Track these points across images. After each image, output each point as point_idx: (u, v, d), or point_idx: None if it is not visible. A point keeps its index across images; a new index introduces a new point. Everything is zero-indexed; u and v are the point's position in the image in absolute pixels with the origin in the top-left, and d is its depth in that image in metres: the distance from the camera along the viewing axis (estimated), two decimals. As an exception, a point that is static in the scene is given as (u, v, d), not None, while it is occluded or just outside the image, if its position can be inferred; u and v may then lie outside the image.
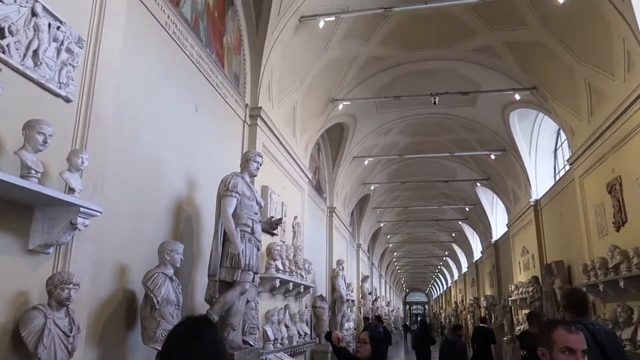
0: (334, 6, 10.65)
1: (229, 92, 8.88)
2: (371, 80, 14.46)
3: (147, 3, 6.22)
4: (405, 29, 12.34)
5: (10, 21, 3.85)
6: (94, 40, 4.84)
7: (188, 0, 7.46)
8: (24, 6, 4.02)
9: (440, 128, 18.17)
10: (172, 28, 6.84)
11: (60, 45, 4.36)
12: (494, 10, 11.03)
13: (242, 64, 9.74)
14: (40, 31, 4.13)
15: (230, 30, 9.21)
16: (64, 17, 4.39)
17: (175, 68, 6.95)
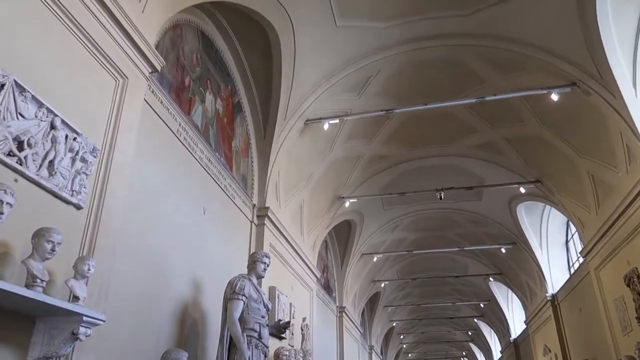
0: (337, 109, 11.16)
1: (237, 194, 9.03)
2: (376, 177, 14.73)
3: (160, 112, 6.56)
4: (406, 129, 12.81)
5: (30, 134, 4.04)
6: (108, 149, 5.04)
7: (199, 108, 7.86)
8: (44, 120, 4.24)
9: (448, 223, 18.15)
10: (183, 135, 7.14)
11: (76, 155, 4.53)
12: (492, 109, 11.51)
13: (250, 166, 10.02)
14: (57, 143, 4.32)
15: (239, 134, 9.59)
16: (81, 129, 4.61)
17: (185, 172, 7.15)
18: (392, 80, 11.06)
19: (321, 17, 9.12)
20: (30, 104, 4.12)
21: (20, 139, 3.98)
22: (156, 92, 6.52)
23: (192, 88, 7.70)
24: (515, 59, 9.90)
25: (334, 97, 10.95)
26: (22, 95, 4.05)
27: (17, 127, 3.97)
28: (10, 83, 3.91)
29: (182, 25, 7.54)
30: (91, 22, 4.93)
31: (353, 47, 10.00)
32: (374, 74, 10.80)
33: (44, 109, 4.24)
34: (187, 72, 7.60)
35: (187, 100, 7.49)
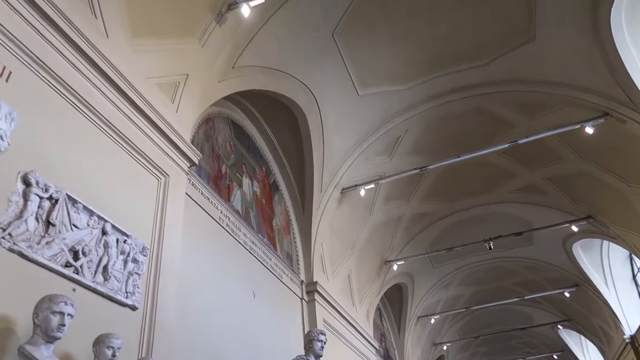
0: (371, 174, 11.22)
1: (284, 272, 8.98)
2: (420, 236, 14.45)
3: (202, 203, 6.75)
4: (443, 183, 12.69)
5: (84, 243, 4.21)
6: (157, 246, 5.17)
7: (238, 194, 8.05)
8: (96, 227, 4.42)
9: (503, 273, 17.39)
10: (226, 221, 7.27)
11: (127, 256, 4.66)
12: (527, 151, 11.32)
13: (293, 242, 10.02)
14: (109, 247, 4.47)
15: (279, 212, 9.70)
16: (130, 230, 4.77)
17: (231, 258, 7.20)
18: (422, 138, 11.13)
19: (343, 90, 9.43)
20: (82, 213, 4.32)
21: (75, 248, 4.14)
22: (196, 184, 6.74)
23: (229, 175, 7.93)
24: (541, 98, 9.86)
25: (367, 163, 11.06)
26: (75, 207, 4.26)
27: (72, 238, 4.15)
28: (63, 197, 4.13)
29: (213, 117, 7.92)
30: (131, 128, 5.24)
31: (378, 112, 10.21)
32: (403, 134, 10.92)
33: (94, 217, 4.43)
34: (223, 160, 7.87)
35: (226, 187, 7.69)
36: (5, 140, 3.79)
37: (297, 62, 8.48)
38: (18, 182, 3.88)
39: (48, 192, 4.04)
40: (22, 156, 3.94)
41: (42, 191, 4.00)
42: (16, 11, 4.21)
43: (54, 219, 4.02)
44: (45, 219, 3.99)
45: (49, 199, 4.04)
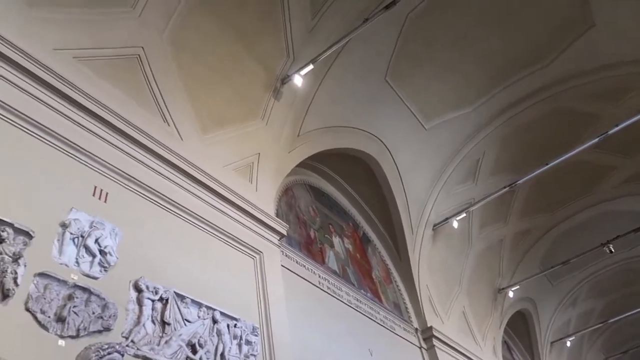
0: (459, 203, 10.85)
1: (395, 323, 8.71)
2: (529, 255, 13.53)
3: (299, 272, 6.84)
4: (538, 195, 11.95)
5: (199, 335, 4.38)
6: (265, 324, 5.26)
7: (331, 254, 8.08)
8: (206, 318, 4.60)
9: (633, 275, 15.68)
10: (325, 284, 7.28)
11: (240, 340, 4.77)
12: (620, 139, 10.44)
13: (397, 291, 9.77)
14: (222, 334, 4.60)
15: (375, 264, 9.56)
16: (238, 314, 4.91)
17: (338, 319, 7.13)
18: (502, 155, 10.69)
19: (410, 129, 9.39)
20: (191, 307, 4.53)
21: (192, 342, 4.31)
22: (289, 255, 6.87)
23: (319, 238, 8.02)
24: (619, 82, 9.23)
25: (452, 194, 10.74)
26: (183, 302, 4.48)
27: (187, 333, 4.33)
28: (172, 296, 4.37)
29: (291, 186, 8.15)
30: (219, 217, 5.53)
31: (450, 140, 10.01)
32: (481, 156, 10.56)
33: (203, 308, 4.62)
34: (310, 225, 8.00)
35: (318, 251, 7.76)
36: (113, 255, 4.14)
37: (358, 114, 8.62)
38: (131, 291, 4.17)
39: (158, 293, 4.30)
40: (130, 266, 4.25)
41: (153, 294, 4.26)
42: (104, 140, 4.70)
43: (168, 317, 4.24)
44: (160, 320, 4.22)
45: (159, 300, 4.29)
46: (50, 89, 4.44)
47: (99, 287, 3.90)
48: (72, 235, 3.96)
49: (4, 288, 3.30)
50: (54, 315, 3.52)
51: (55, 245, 3.82)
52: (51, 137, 4.25)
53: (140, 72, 5.48)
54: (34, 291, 3.51)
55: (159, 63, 5.70)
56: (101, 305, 3.84)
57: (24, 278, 3.44)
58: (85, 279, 3.86)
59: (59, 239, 3.86)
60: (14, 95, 4.13)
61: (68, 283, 3.71)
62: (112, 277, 4.08)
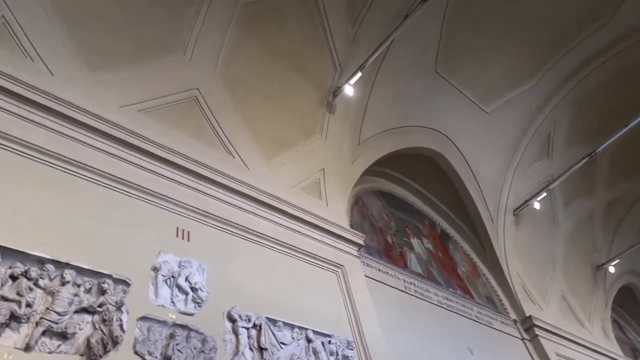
0: (538, 183, 10.34)
1: (492, 318, 8.38)
2: (625, 224, 12.59)
3: (383, 279, 6.78)
4: (622, 159, 11.14)
5: (296, 357, 4.45)
6: (359, 336, 5.25)
7: (412, 257, 7.96)
8: (300, 338, 4.66)
9: None
10: (412, 288, 7.16)
11: (337, 356, 4.79)
12: None
13: (487, 284, 9.42)
14: (318, 353, 4.65)
15: (459, 259, 9.29)
16: (330, 330, 4.94)
17: (430, 322, 6.97)
18: (575, 124, 10.11)
19: (471, 116, 9.13)
20: (285, 330, 4.61)
21: (290, 364, 4.39)
22: (370, 264, 6.84)
23: (397, 242, 7.93)
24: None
25: (528, 174, 10.27)
26: (276, 326, 4.57)
27: (284, 356, 4.42)
28: (264, 321, 4.48)
29: (360, 195, 8.14)
30: (296, 238, 5.65)
31: (515, 119, 9.62)
32: (552, 129, 10.05)
33: (296, 329, 4.69)
34: (386, 231, 7.94)
35: (399, 255, 7.67)
36: (204, 290, 4.32)
37: (414, 112, 8.50)
38: (225, 322, 4.33)
39: (251, 321, 4.42)
40: (221, 298, 4.41)
41: (246, 322, 4.39)
42: (178, 182, 4.95)
43: (264, 343, 4.35)
44: (257, 346, 4.34)
45: (253, 327, 4.41)
46: (121, 143, 4.74)
47: (196, 323, 4.08)
48: (164, 277, 4.19)
49: (112, 335, 3.53)
50: (160, 355, 3.72)
51: (150, 288, 4.04)
52: (129, 188, 4.53)
53: (200, 112, 5.74)
54: (139, 335, 3.73)
55: (215, 100, 5.95)
56: (201, 340, 4.01)
57: (128, 324, 3.67)
58: (183, 316, 4.06)
59: (153, 282, 4.09)
60: (94, 156, 4.46)
61: (168, 323, 3.92)
62: (206, 311, 4.25)
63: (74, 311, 3.48)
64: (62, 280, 3.51)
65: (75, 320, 3.48)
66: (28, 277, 3.36)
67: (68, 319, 3.43)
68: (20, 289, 3.29)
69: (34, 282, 3.38)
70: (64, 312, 3.41)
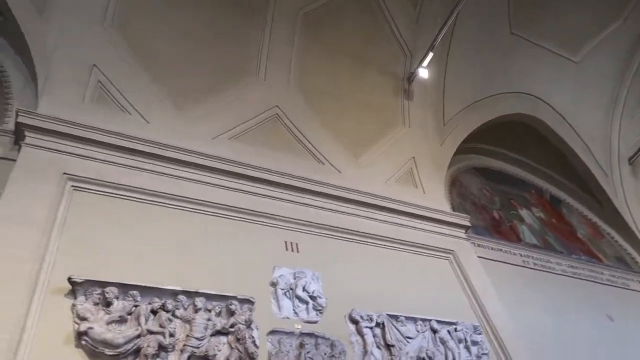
0: None
1: (627, 278, 7.71)
2: None
3: (497, 257, 6.54)
4: None
5: (425, 349, 4.43)
6: (484, 319, 5.11)
7: (524, 229, 7.57)
8: (425, 330, 4.63)
9: None
10: (531, 261, 6.82)
11: (466, 342, 4.69)
12: None
13: (613, 243, 8.68)
14: (446, 342, 4.58)
15: (577, 223, 8.67)
16: (453, 318, 4.85)
17: (557, 293, 6.55)
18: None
19: (558, 70, 8.53)
20: (408, 324, 4.60)
21: (420, 357, 4.39)
22: (481, 244, 6.61)
23: (505, 217, 7.59)
24: None
25: (636, 118, 9.35)
26: (398, 321, 4.58)
27: (413, 349, 4.42)
28: (386, 319, 4.50)
29: (456, 176, 7.89)
30: (401, 231, 5.63)
31: (610, 62, 8.82)
32: (654, 64, 9.09)
33: (419, 322, 4.66)
34: (490, 207, 7.63)
35: (509, 230, 7.34)
36: (322, 297, 4.44)
37: (495, 79, 8.10)
38: (349, 324, 4.41)
39: (373, 320, 4.46)
40: (340, 302, 4.50)
41: (369, 322, 4.43)
42: (279, 199, 5.14)
43: (390, 340, 4.38)
44: (384, 344, 4.37)
45: (377, 326, 4.46)
46: (220, 172, 5.00)
47: (321, 329, 4.20)
48: (283, 290, 4.36)
49: (248, 352, 3.74)
50: (294, 365, 3.88)
51: (273, 303, 4.23)
52: (235, 213, 4.78)
53: (283, 127, 5.92)
54: (272, 348, 3.92)
55: (294, 113, 6.10)
56: (329, 345, 4.12)
57: (259, 339, 3.86)
58: (307, 325, 4.20)
59: (274, 297, 4.27)
60: (198, 189, 4.75)
61: (295, 333, 4.07)
62: (328, 317, 4.37)
63: (210, 335, 3.74)
64: (194, 308, 3.78)
65: (213, 343, 3.73)
66: (166, 310, 3.67)
67: (207, 342, 3.69)
68: (161, 321, 3.60)
69: (171, 313, 3.68)
70: (202, 337, 3.68)
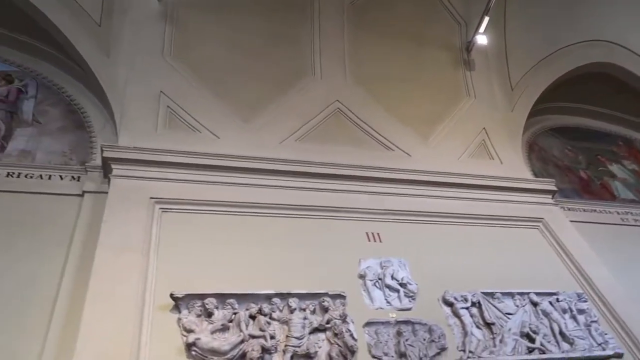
0: None
1: None
2: None
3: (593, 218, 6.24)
4: None
5: (527, 323, 4.31)
6: (588, 286, 4.86)
7: (617, 185, 7.10)
8: (524, 304, 4.49)
9: None
10: (630, 217, 6.44)
11: (571, 312, 4.49)
12: None
13: None
14: (549, 313, 4.40)
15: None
16: (554, 288, 4.65)
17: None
18: None
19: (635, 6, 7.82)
20: (505, 299, 4.49)
21: (524, 332, 4.27)
22: (572, 207, 6.27)
23: (593, 175, 7.13)
24: None
25: None
26: (495, 298, 4.46)
27: (515, 325, 4.30)
28: (481, 297, 4.41)
29: (533, 141, 7.53)
30: (484, 206, 5.48)
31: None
32: None
33: (516, 296, 4.52)
34: (575, 167, 7.21)
35: (601, 188, 6.90)
36: (412, 283, 4.42)
37: (561, 32, 7.56)
38: (443, 307, 4.36)
39: (467, 300, 4.37)
40: (431, 286, 4.46)
41: (464, 302, 4.35)
42: (352, 192, 5.16)
43: (489, 318, 4.27)
44: (484, 322, 4.27)
45: (473, 305, 4.36)
46: (292, 174, 5.09)
47: (416, 316, 4.18)
48: (372, 281, 4.38)
49: (347, 345, 3.79)
50: (395, 354, 3.89)
51: (364, 295, 4.27)
52: (314, 212, 4.86)
53: (347, 120, 5.93)
54: (370, 339, 3.95)
55: (356, 104, 6.09)
56: (427, 330, 4.09)
57: (356, 332, 3.91)
58: (402, 313, 4.19)
59: (364, 289, 4.31)
60: (274, 194, 4.88)
61: (391, 322, 4.08)
62: (421, 302, 4.33)
63: (309, 332, 3.83)
64: (289, 309, 3.90)
65: (312, 341, 3.83)
66: (263, 314, 3.81)
67: (306, 341, 3.79)
68: (260, 325, 3.74)
69: (269, 316, 3.82)
70: (301, 335, 3.78)
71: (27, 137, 5.14)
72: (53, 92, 5.62)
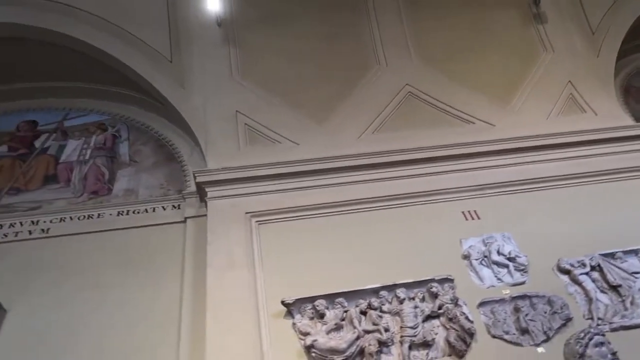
0: None
1: None
2: None
3: None
4: None
5: (589, 282, 3.98)
6: None
7: None
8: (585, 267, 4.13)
9: None
10: None
11: None
12: None
13: None
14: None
15: None
16: None
17: None
18: None
19: None
20: (628, 257, 4.21)
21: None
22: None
23: None
24: None
25: None
26: (615, 258, 4.17)
27: (635, 286, 3.97)
28: (600, 259, 4.15)
29: (628, 84, 6.91)
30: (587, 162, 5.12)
31: None
32: None
33: (638, 255, 4.16)
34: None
35: None
36: (521, 256, 4.23)
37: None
38: (559, 276, 4.14)
39: (585, 265, 4.11)
40: (542, 255, 4.26)
41: (582, 267, 4.10)
42: (440, 173, 5.04)
43: (614, 280, 4.00)
44: (608, 286, 4.00)
45: (593, 270, 4.10)
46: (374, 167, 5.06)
47: (532, 289, 4.01)
48: (477, 260, 4.25)
49: (465, 329, 3.70)
50: (517, 330, 3.75)
51: (472, 275, 4.15)
52: (407, 199, 4.80)
53: (421, 102, 5.78)
54: (486, 320, 3.84)
55: (427, 84, 5.92)
56: (546, 302, 3.90)
57: (471, 314, 3.80)
58: (515, 288, 4.04)
59: (471, 269, 4.18)
60: (364, 188, 4.89)
61: (505, 299, 3.94)
62: (535, 274, 4.14)
63: (422, 321, 3.80)
64: (398, 300, 3.89)
65: (427, 328, 3.79)
66: (373, 308, 3.84)
67: (421, 329, 3.76)
68: (373, 319, 3.77)
69: (379, 310, 3.84)
70: (415, 325, 3.76)
71: (128, 176, 5.64)
72: (142, 132, 6.12)
